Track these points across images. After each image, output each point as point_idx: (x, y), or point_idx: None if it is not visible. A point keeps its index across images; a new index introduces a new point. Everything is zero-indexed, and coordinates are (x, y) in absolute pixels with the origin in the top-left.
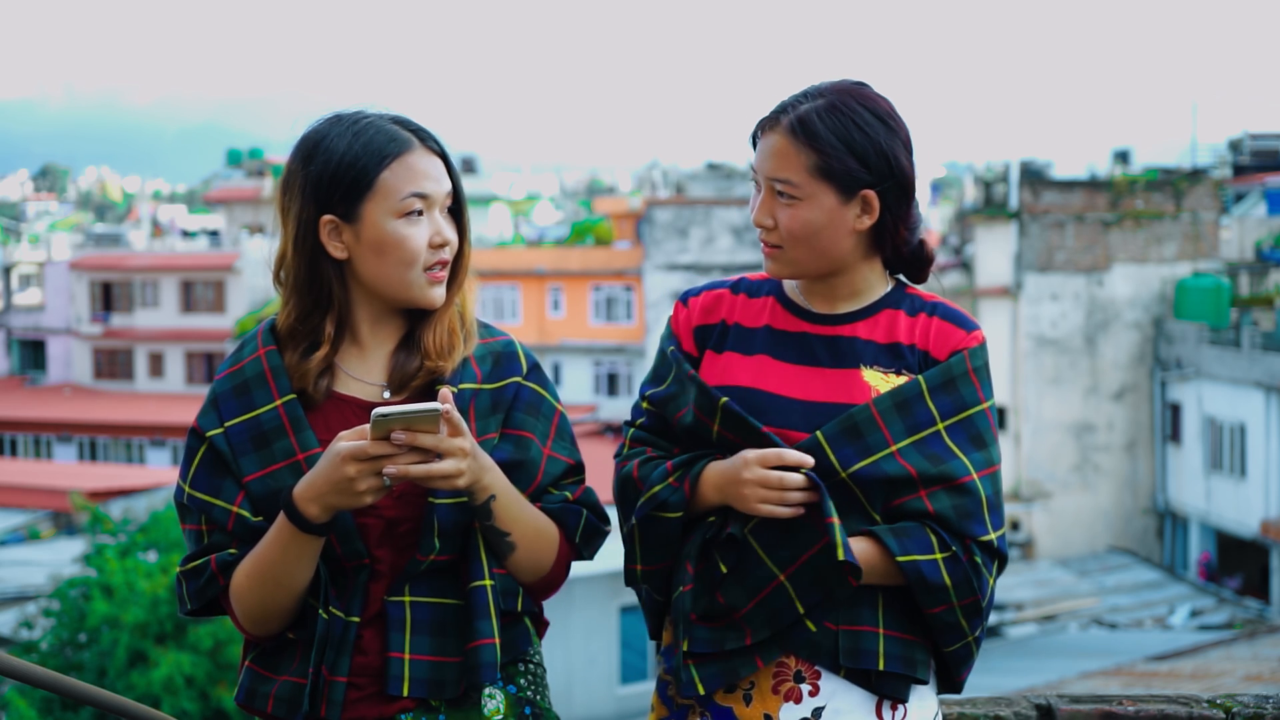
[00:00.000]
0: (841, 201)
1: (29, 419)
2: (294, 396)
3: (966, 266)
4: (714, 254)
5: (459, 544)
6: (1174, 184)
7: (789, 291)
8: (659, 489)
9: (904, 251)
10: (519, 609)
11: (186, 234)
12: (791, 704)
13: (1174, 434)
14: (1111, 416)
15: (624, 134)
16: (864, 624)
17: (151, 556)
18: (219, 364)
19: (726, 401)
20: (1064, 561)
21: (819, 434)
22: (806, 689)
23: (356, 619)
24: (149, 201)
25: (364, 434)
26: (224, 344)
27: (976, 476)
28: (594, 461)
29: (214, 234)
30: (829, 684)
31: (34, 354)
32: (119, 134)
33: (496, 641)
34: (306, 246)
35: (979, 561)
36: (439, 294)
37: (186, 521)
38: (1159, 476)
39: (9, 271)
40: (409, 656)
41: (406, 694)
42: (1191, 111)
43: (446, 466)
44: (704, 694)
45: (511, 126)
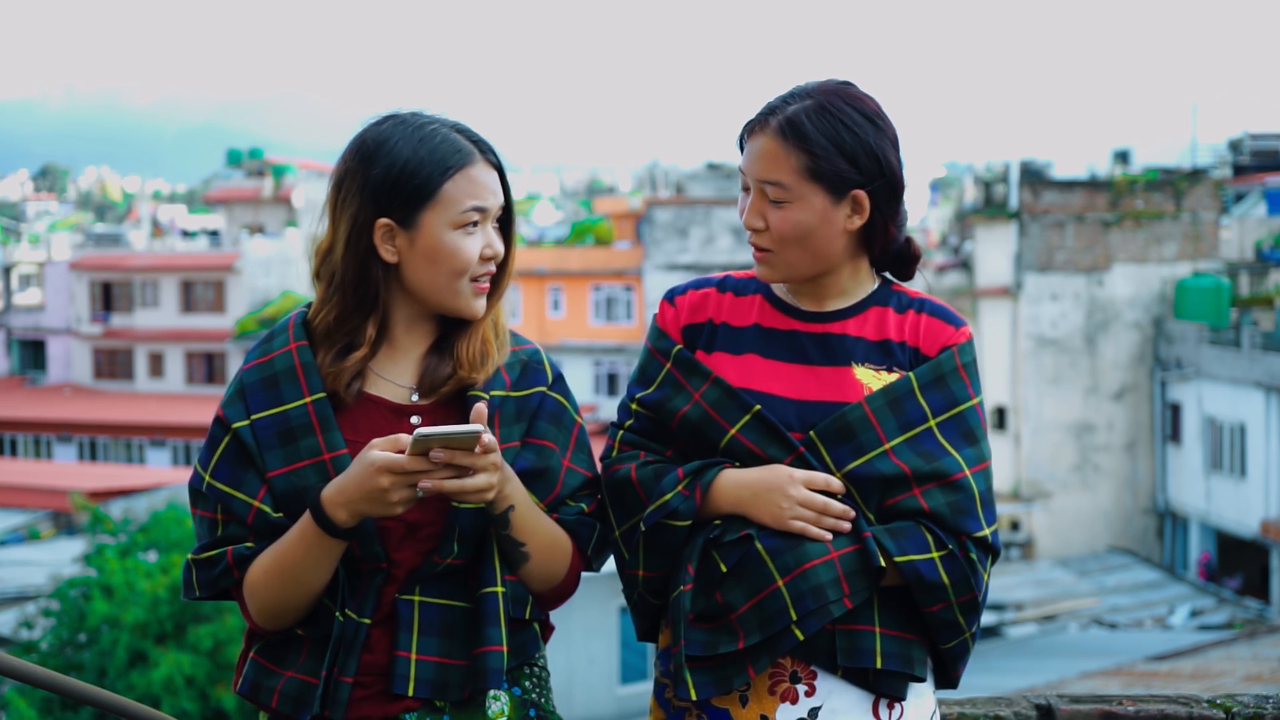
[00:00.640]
0: (832, 202)
1: (29, 419)
2: (324, 395)
3: (966, 266)
4: (714, 254)
5: (474, 548)
6: (1174, 184)
7: (777, 290)
8: (670, 497)
9: (892, 250)
10: (527, 616)
11: (186, 234)
12: (788, 704)
13: (1174, 434)
14: (1111, 416)
15: (624, 134)
16: (861, 623)
17: (151, 556)
18: (220, 362)
19: (760, 409)
20: (1064, 561)
21: (813, 434)
22: (803, 689)
23: (368, 620)
24: (149, 201)
25: (397, 443)
26: (224, 344)
27: (969, 473)
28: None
29: (214, 234)
30: (825, 684)
31: (34, 354)
32: (119, 134)
33: (504, 649)
34: (359, 247)
35: (974, 558)
36: (481, 305)
37: (200, 508)
38: (1159, 476)
39: (9, 271)
40: (415, 656)
41: (411, 694)
42: (1191, 111)
43: (479, 482)
44: (697, 699)
45: (511, 126)
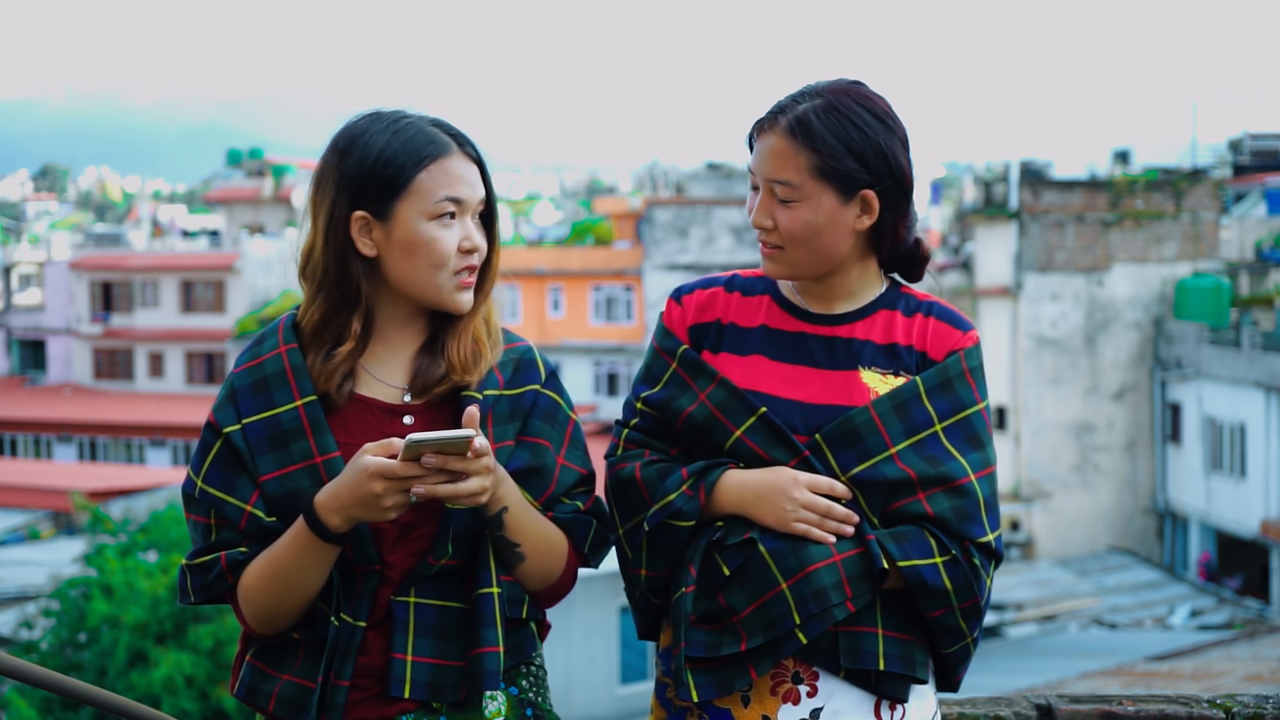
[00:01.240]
0: (841, 202)
1: (29, 419)
2: (315, 398)
3: (966, 266)
4: (714, 254)
5: (469, 549)
6: (1174, 184)
7: (785, 291)
8: (674, 497)
9: (901, 250)
10: (524, 616)
11: (186, 234)
12: (790, 705)
13: (1174, 434)
14: (1111, 416)
15: (624, 134)
16: (863, 624)
17: (151, 556)
18: (220, 362)
19: (766, 411)
20: (1064, 561)
21: (818, 437)
22: (805, 690)
23: (363, 624)
24: (149, 201)
25: (390, 447)
26: (224, 344)
27: (974, 478)
28: (595, 462)
29: (214, 234)
30: (827, 685)
31: (34, 354)
32: (119, 134)
33: (500, 650)
34: (336, 241)
35: (978, 564)
36: (466, 299)
37: (194, 513)
38: (1159, 476)
39: (9, 271)
40: (411, 658)
41: (408, 696)
42: (1191, 111)
43: (472, 486)
44: (698, 701)
45: (511, 126)
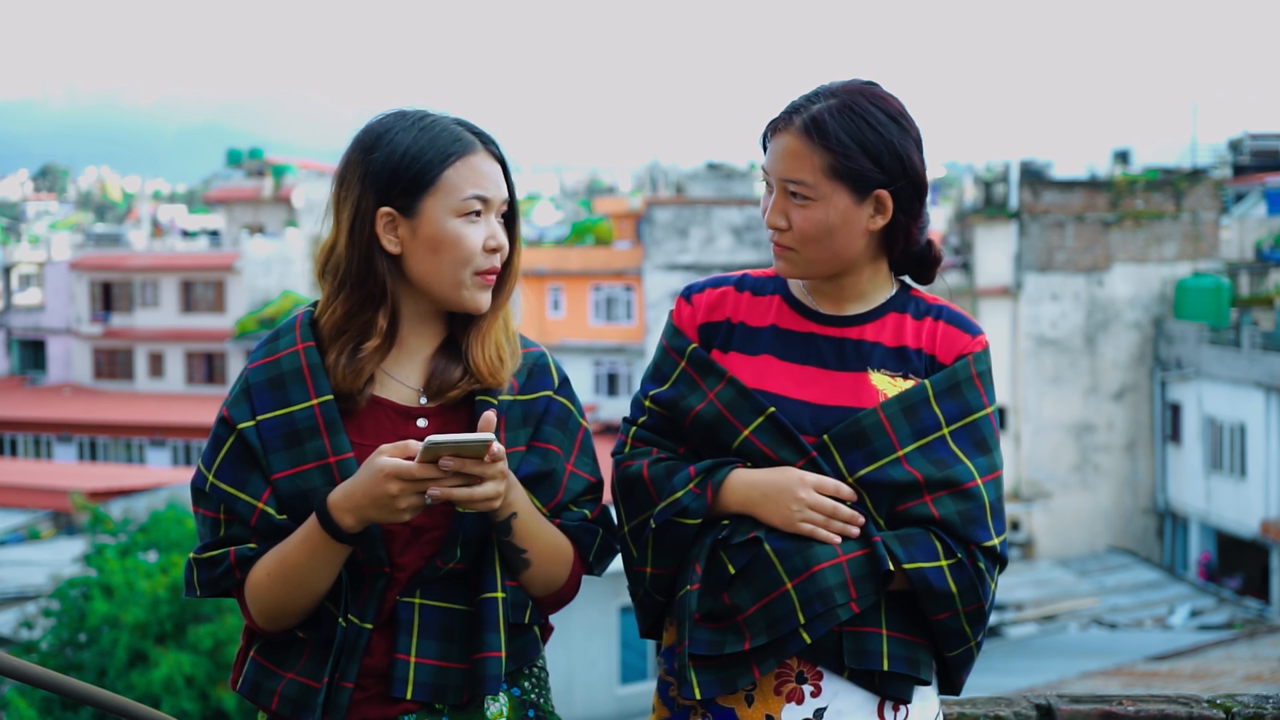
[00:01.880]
0: (855, 201)
1: (29, 419)
2: (331, 398)
3: (966, 266)
4: (714, 254)
5: (476, 553)
6: (1174, 184)
7: (795, 291)
8: (681, 495)
9: (913, 252)
10: (527, 620)
11: (186, 234)
12: (794, 705)
13: (1174, 434)
14: (1111, 416)
15: (624, 134)
16: (868, 625)
17: (151, 556)
18: (220, 362)
19: (774, 411)
20: (1064, 561)
21: (826, 438)
22: (809, 689)
23: (370, 626)
24: (149, 201)
25: (406, 449)
26: (224, 344)
27: (980, 482)
28: (601, 469)
29: (214, 234)
30: (831, 685)
31: (34, 354)
32: (119, 134)
33: (502, 655)
34: (362, 238)
35: (982, 567)
36: (485, 299)
37: (203, 507)
38: (1159, 476)
39: (9, 271)
40: (414, 659)
41: (410, 697)
42: (1191, 111)
43: (487, 490)
44: (701, 699)
45: (511, 126)
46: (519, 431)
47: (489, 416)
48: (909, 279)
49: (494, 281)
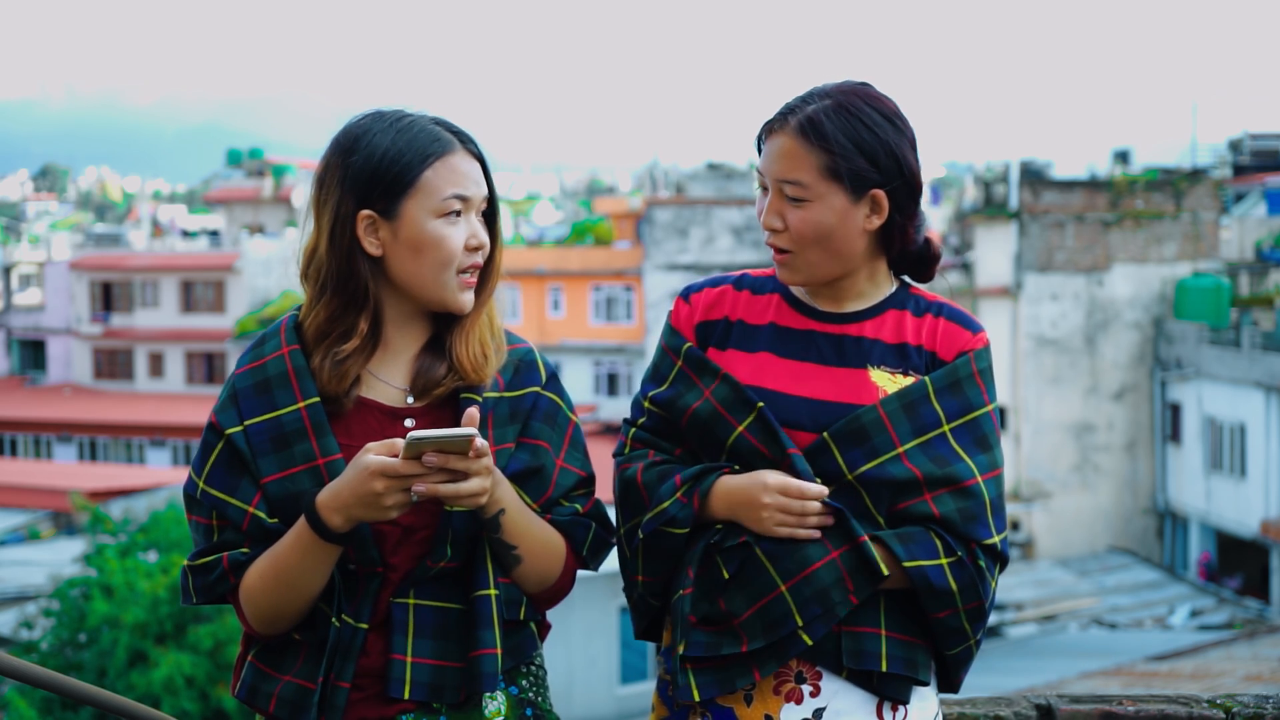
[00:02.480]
0: (851, 202)
1: (29, 419)
2: (318, 400)
3: (966, 266)
4: (714, 254)
5: (468, 551)
6: (1174, 184)
7: (795, 290)
8: (668, 504)
9: (910, 251)
10: (522, 617)
11: (186, 234)
12: (793, 705)
13: (1174, 434)
14: (1111, 416)
15: (624, 134)
16: (866, 625)
17: (151, 556)
18: (220, 362)
19: (763, 407)
20: (1064, 561)
21: (826, 435)
22: (808, 690)
23: (365, 625)
24: (149, 201)
25: (391, 447)
26: (224, 344)
27: (981, 479)
28: (595, 463)
29: (214, 234)
30: (830, 685)
31: (34, 354)
32: (119, 134)
33: (498, 652)
34: (342, 241)
35: (983, 566)
36: (468, 299)
37: (195, 514)
38: (1159, 476)
39: (9, 271)
40: (411, 659)
41: (407, 697)
42: (1191, 111)
43: (472, 486)
44: (699, 700)
45: (511, 126)
46: (507, 428)
47: (472, 412)
48: (908, 277)
49: (475, 282)
